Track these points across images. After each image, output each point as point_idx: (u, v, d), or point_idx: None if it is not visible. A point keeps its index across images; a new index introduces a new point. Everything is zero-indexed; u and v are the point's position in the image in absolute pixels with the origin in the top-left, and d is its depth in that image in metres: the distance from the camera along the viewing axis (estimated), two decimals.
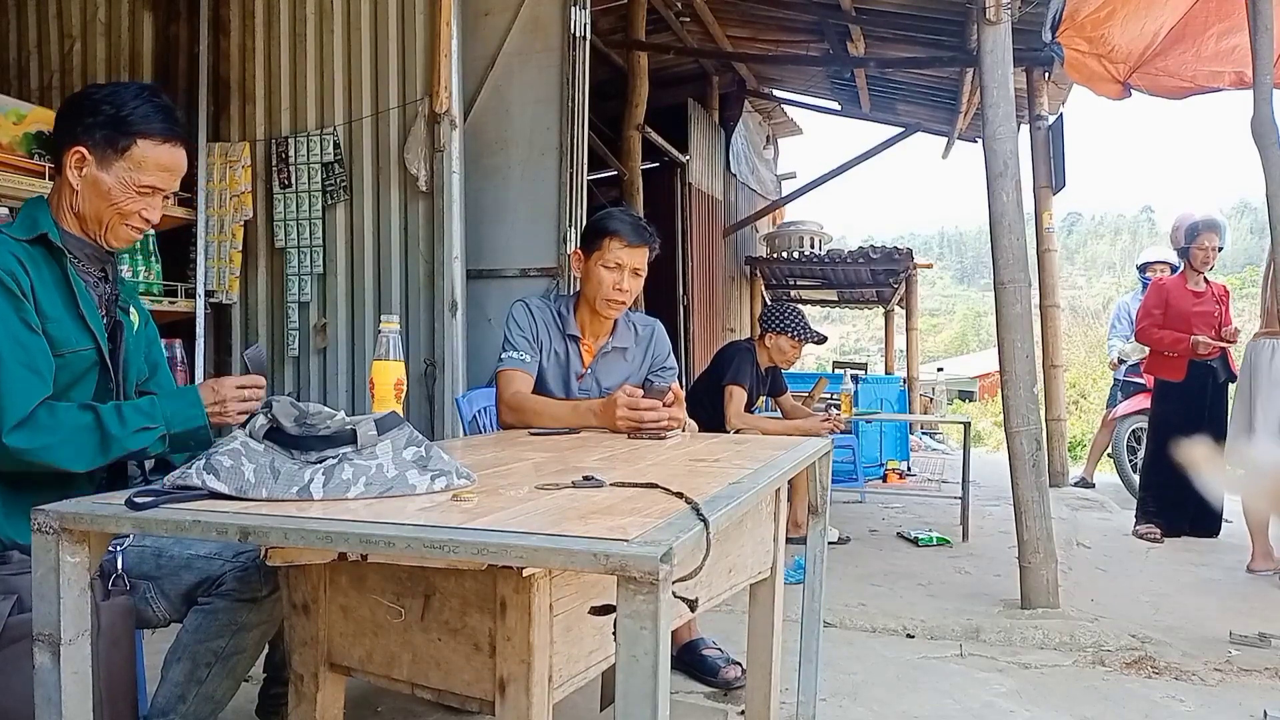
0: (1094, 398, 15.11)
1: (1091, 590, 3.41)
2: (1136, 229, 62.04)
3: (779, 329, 4.06)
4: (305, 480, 1.09)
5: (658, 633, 0.82)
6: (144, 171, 1.54)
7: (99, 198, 1.53)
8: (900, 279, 10.21)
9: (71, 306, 1.51)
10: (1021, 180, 3.16)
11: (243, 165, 4.09)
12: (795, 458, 1.66)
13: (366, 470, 1.12)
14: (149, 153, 1.54)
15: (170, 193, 1.62)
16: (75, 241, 1.56)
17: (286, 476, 1.09)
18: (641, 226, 2.28)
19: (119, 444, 1.43)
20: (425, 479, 1.16)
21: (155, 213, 1.59)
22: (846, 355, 28.64)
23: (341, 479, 1.10)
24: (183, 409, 1.51)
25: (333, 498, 1.09)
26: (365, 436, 1.15)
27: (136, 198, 1.55)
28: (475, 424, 2.52)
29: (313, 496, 1.08)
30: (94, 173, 1.52)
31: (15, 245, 1.46)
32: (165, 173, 1.57)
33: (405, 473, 1.15)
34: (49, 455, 1.38)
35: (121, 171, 1.53)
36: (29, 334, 1.41)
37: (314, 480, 1.09)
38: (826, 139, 25.81)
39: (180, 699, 1.47)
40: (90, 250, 1.59)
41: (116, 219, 1.55)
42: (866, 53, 6.95)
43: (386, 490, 1.12)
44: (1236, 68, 4.25)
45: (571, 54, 3.75)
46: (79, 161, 1.52)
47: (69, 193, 1.55)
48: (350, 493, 1.10)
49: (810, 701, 2.01)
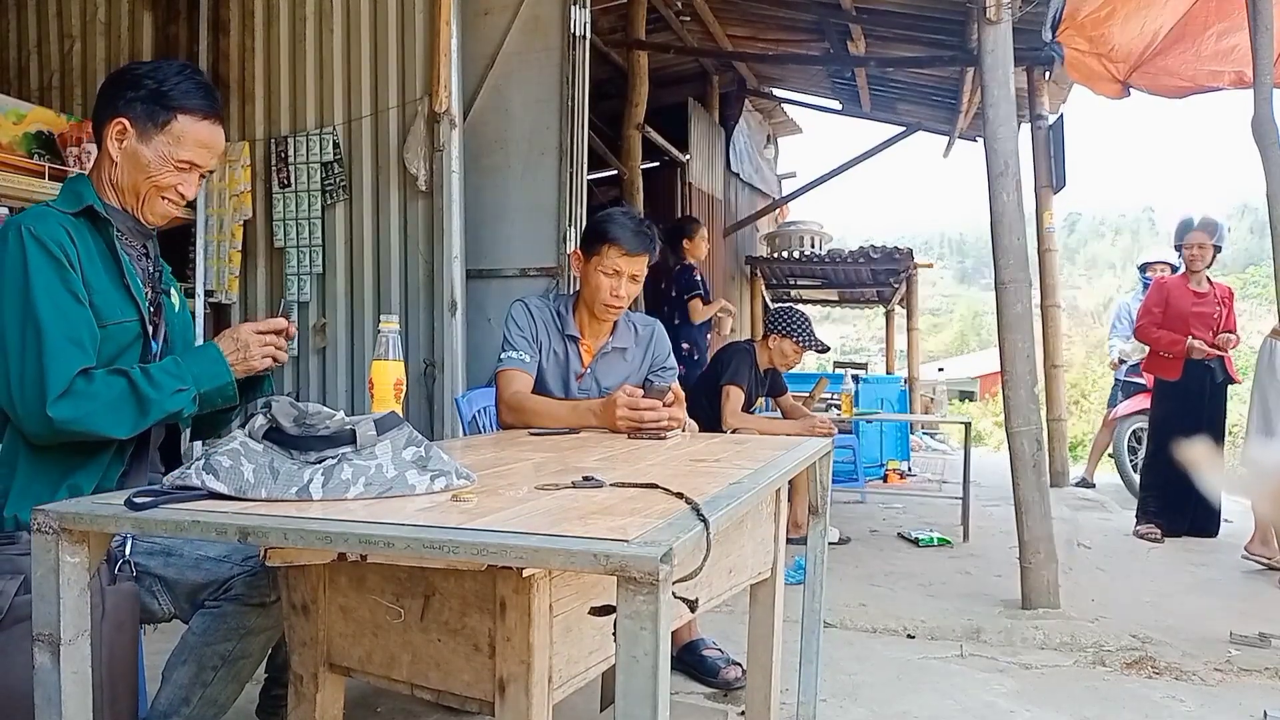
0: (1094, 398, 15.12)
1: (1092, 590, 3.41)
2: (1137, 229, 62.08)
3: (784, 332, 4.06)
4: (305, 480, 1.09)
5: (658, 633, 0.82)
6: (183, 147, 1.55)
7: (137, 170, 1.54)
8: (901, 279, 10.20)
9: (117, 278, 1.52)
10: (1022, 180, 3.15)
11: (242, 165, 4.09)
12: (795, 458, 1.65)
13: (366, 470, 1.12)
14: (188, 128, 1.54)
15: (207, 170, 1.63)
16: (118, 215, 1.57)
17: (286, 476, 1.09)
18: (642, 232, 2.25)
19: (157, 406, 1.43)
20: (425, 479, 1.16)
21: (191, 189, 1.60)
22: (847, 355, 28.64)
23: (341, 479, 1.10)
24: (208, 367, 1.50)
25: (332, 498, 1.09)
26: (364, 437, 1.15)
27: (174, 172, 1.56)
28: (475, 424, 2.52)
29: (312, 497, 1.08)
30: (134, 145, 1.53)
31: (62, 217, 1.48)
32: (203, 149, 1.58)
33: (405, 473, 1.15)
34: (92, 423, 1.38)
35: (161, 145, 1.54)
36: (74, 304, 1.42)
37: (313, 480, 1.09)
38: (826, 139, 25.78)
39: (184, 701, 1.47)
40: (132, 224, 1.60)
41: (153, 192, 1.56)
42: (867, 52, 6.95)
43: (386, 491, 1.12)
44: (1236, 67, 4.25)
45: (571, 53, 3.75)
46: (120, 133, 1.53)
47: (109, 165, 1.56)
48: (350, 493, 1.10)
49: (810, 702, 2.01)
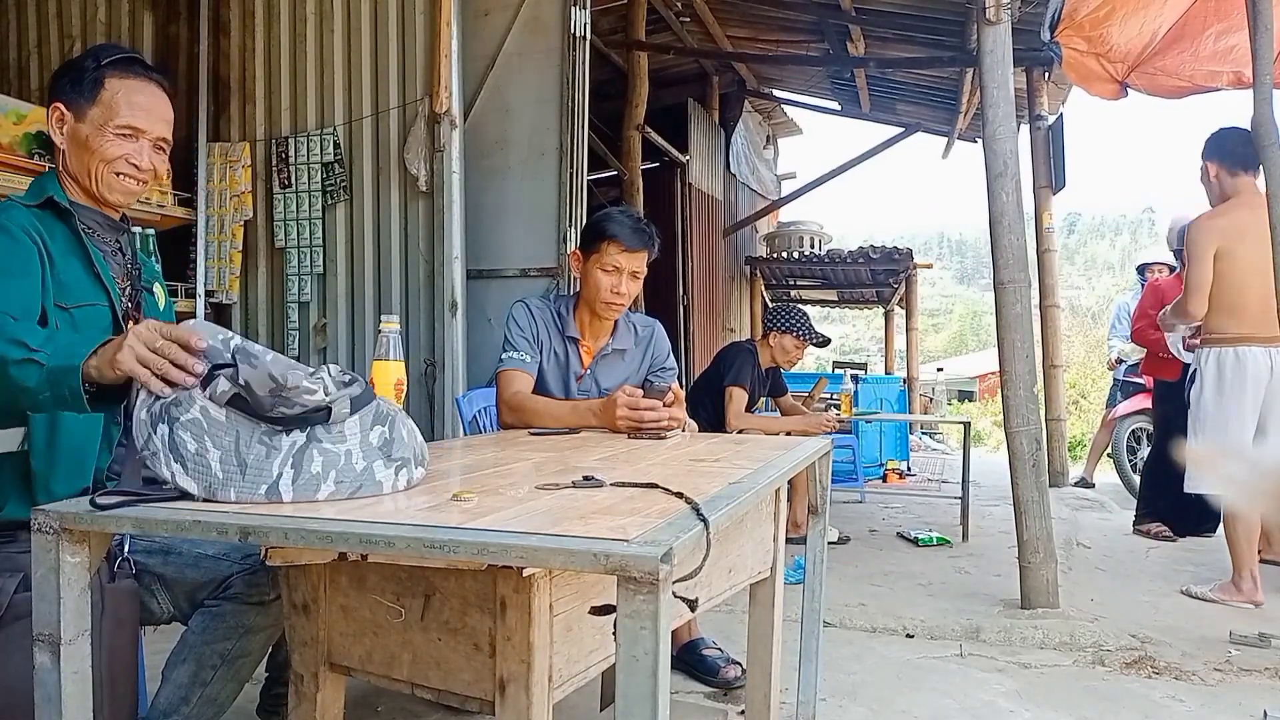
0: (1094, 398, 15.14)
1: (1091, 590, 3.41)
2: (1136, 229, 62.08)
3: (784, 328, 4.07)
4: (274, 476, 1.08)
5: (658, 633, 0.82)
6: (117, 111, 1.50)
7: (81, 149, 1.51)
8: (900, 279, 10.21)
9: (87, 266, 1.50)
10: (1021, 180, 3.16)
11: (243, 165, 4.10)
12: (795, 458, 1.65)
13: (335, 462, 1.11)
14: (119, 91, 1.51)
15: (159, 139, 1.57)
16: (86, 210, 1.55)
17: (255, 470, 1.08)
18: (641, 229, 2.25)
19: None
20: (390, 473, 1.15)
21: (144, 158, 1.54)
22: (846, 355, 28.67)
23: (311, 473, 1.09)
24: (73, 346, 1.18)
25: (303, 499, 1.08)
26: (338, 412, 1.13)
27: (117, 141, 1.51)
28: (475, 424, 2.52)
29: (282, 498, 1.07)
30: (73, 126, 1.51)
31: (26, 210, 1.47)
32: (141, 111, 1.52)
33: (372, 464, 1.14)
34: None
35: (97, 117, 1.50)
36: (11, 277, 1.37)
37: (283, 476, 1.08)
38: (826, 139, 25.81)
39: (184, 700, 1.47)
40: (101, 219, 1.58)
41: (103, 169, 1.52)
42: (866, 53, 6.96)
43: (356, 490, 1.12)
44: (1235, 68, 4.24)
45: (571, 54, 3.75)
46: (59, 119, 1.52)
47: (61, 157, 1.54)
48: (320, 493, 1.09)
49: (810, 701, 2.01)
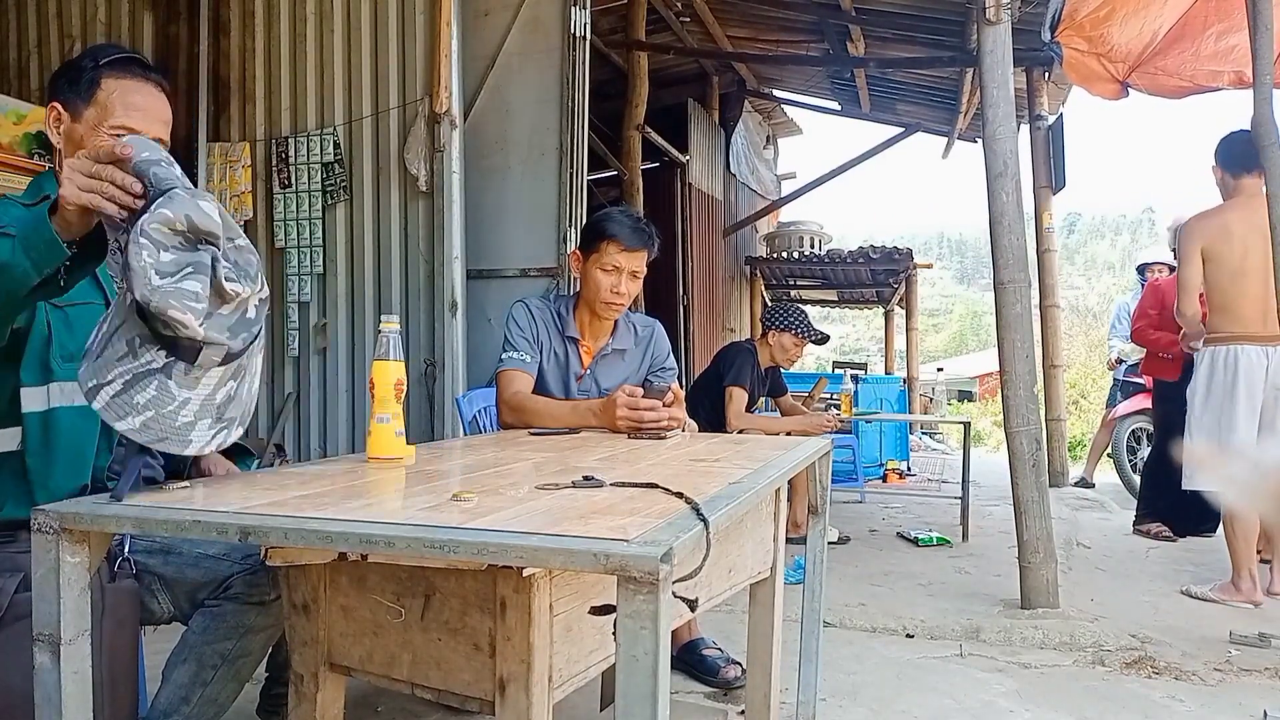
0: (1094, 398, 15.13)
1: (1091, 590, 3.41)
2: (1136, 229, 62.08)
3: (782, 326, 4.06)
4: (106, 379, 1.08)
5: (658, 633, 0.82)
6: (112, 112, 1.49)
7: (77, 149, 1.48)
8: (900, 279, 10.22)
9: None
10: (1021, 180, 3.16)
11: (243, 165, 4.10)
12: (795, 458, 1.65)
13: (162, 406, 1.09)
14: (115, 91, 1.49)
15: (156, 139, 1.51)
16: None
17: (102, 362, 1.08)
18: (640, 228, 2.25)
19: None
20: (208, 434, 1.13)
21: None
22: (846, 355, 28.68)
23: (133, 401, 1.08)
24: (36, 209, 1.20)
25: (108, 415, 1.08)
26: (205, 358, 1.11)
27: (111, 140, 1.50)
28: (475, 424, 2.52)
29: (92, 403, 1.08)
30: (69, 126, 1.50)
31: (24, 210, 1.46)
32: (136, 112, 1.50)
33: (199, 422, 1.12)
34: None
35: (92, 117, 1.49)
36: None
37: (110, 385, 1.08)
38: (826, 139, 25.82)
39: (184, 700, 1.47)
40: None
41: None
42: (866, 53, 6.96)
43: (157, 441, 1.10)
44: (1236, 67, 4.24)
45: (571, 54, 3.75)
46: (56, 119, 1.51)
47: (58, 157, 1.53)
48: (122, 423, 1.08)
49: (810, 701, 2.01)
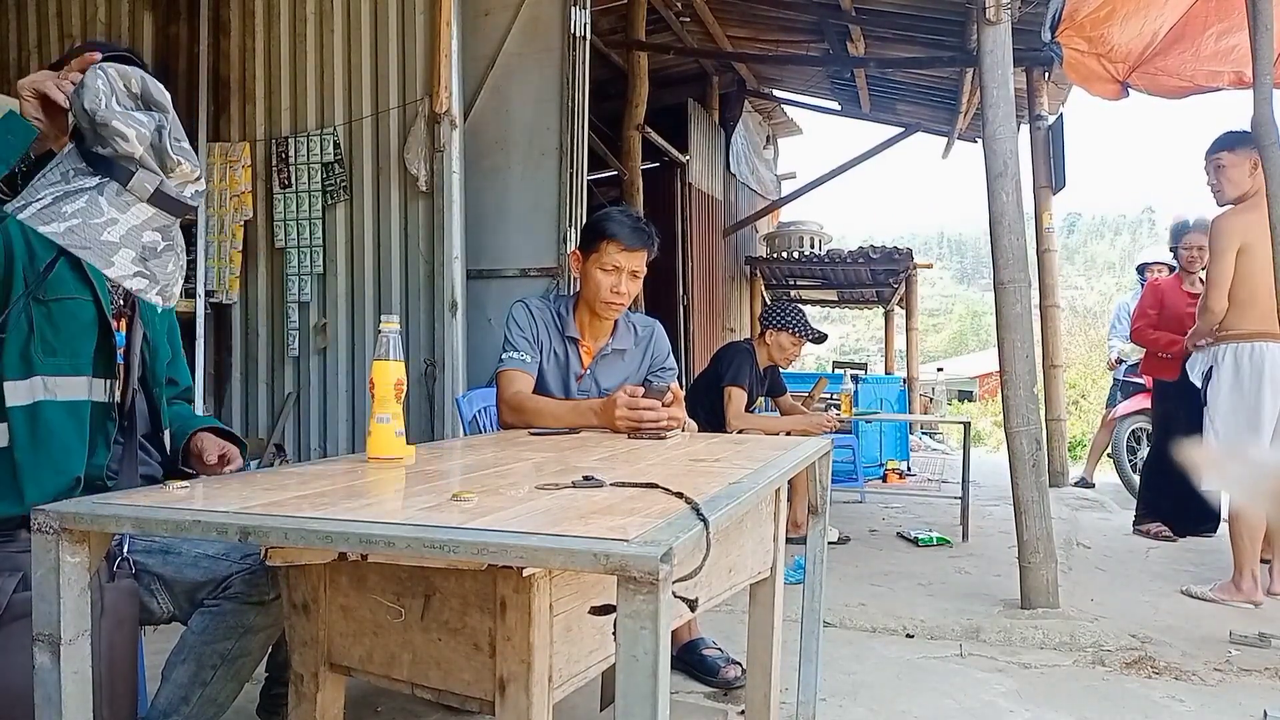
0: (1094, 398, 15.12)
1: (1091, 590, 3.41)
2: (1136, 229, 62.04)
3: (780, 325, 4.06)
4: (37, 197, 1.12)
5: (658, 633, 0.82)
6: None
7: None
8: (900, 279, 10.22)
9: (71, 260, 1.46)
10: (1021, 180, 3.16)
11: (243, 165, 4.10)
12: (795, 458, 1.65)
13: (91, 214, 1.12)
14: None
15: None
16: None
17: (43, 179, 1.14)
18: (640, 228, 2.25)
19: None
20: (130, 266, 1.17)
21: None
22: (846, 355, 28.67)
23: (61, 210, 1.11)
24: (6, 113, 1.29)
25: (33, 221, 1.11)
26: (137, 184, 1.14)
27: None
28: (475, 424, 2.52)
29: (19, 213, 1.12)
30: None
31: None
32: None
33: (123, 248, 1.15)
34: None
35: None
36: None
37: (44, 198, 1.11)
38: (826, 139, 25.84)
39: (184, 700, 1.47)
40: None
41: None
42: (866, 53, 6.96)
43: (80, 246, 1.13)
44: (1236, 68, 4.24)
45: (571, 54, 3.75)
46: None
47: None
48: (46, 226, 1.11)
49: (810, 701, 2.01)
